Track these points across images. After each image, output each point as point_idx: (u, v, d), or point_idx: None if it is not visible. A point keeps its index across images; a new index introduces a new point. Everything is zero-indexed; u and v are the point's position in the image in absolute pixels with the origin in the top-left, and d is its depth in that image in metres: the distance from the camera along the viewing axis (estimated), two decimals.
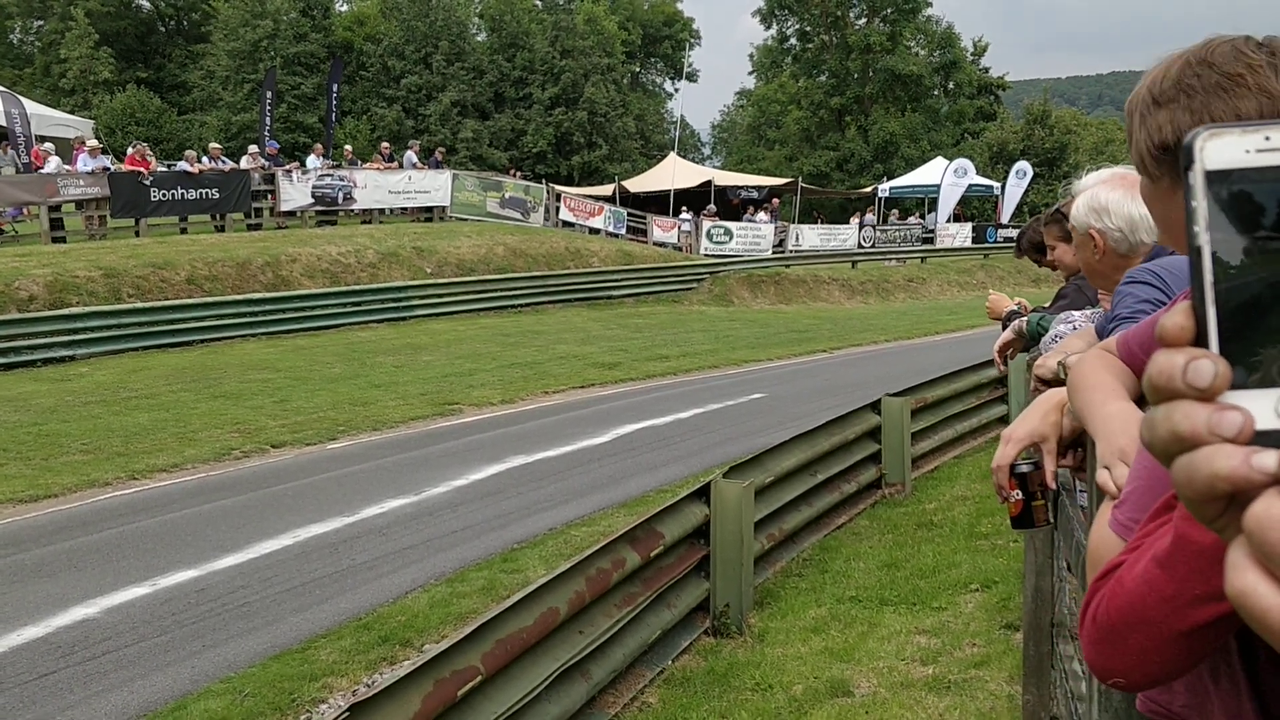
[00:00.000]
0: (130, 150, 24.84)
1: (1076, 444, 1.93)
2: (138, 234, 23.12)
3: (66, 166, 22.07)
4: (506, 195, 29.68)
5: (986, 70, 60.84)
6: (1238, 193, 0.58)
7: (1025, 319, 4.34)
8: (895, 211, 42.69)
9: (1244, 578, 0.57)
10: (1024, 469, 2.06)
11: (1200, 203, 0.59)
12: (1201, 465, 0.57)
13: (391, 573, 7.88)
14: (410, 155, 29.19)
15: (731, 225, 34.23)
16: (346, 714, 3.55)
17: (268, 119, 30.55)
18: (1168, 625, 0.79)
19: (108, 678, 6.16)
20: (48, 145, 22.52)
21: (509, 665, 4.65)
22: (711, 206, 35.52)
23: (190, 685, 6.09)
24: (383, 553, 8.32)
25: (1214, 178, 0.59)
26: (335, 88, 33.53)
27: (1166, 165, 1.40)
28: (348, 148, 31.24)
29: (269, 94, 31.19)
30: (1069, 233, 3.29)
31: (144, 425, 12.60)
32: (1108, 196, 2.73)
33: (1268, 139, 0.58)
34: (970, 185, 41.73)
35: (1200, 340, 0.59)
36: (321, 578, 7.78)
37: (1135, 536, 0.90)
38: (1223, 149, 0.59)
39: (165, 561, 8.07)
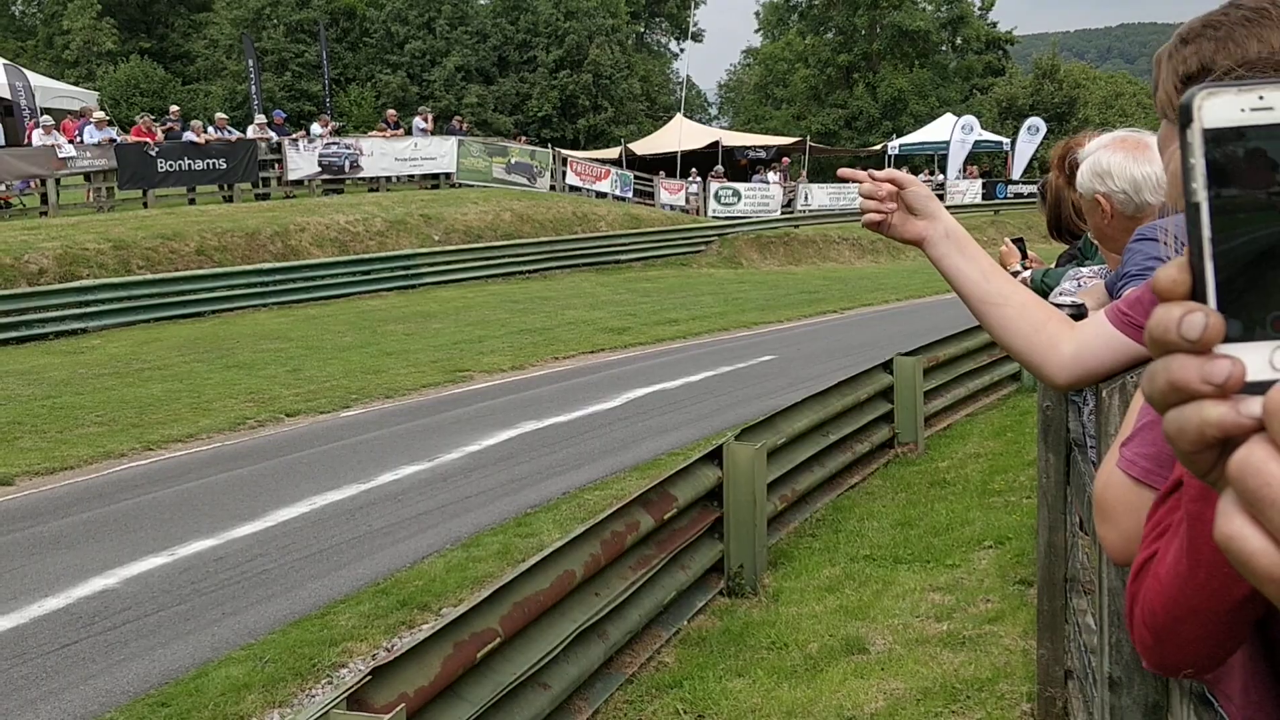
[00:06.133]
0: (142, 119, 24.71)
1: None
2: (145, 205, 23.11)
3: (48, 139, 21.77)
4: (512, 160, 29.51)
5: (994, 25, 60.20)
6: (1234, 151, 0.60)
7: (1031, 272, 4.31)
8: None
9: (1230, 524, 0.59)
10: None
11: (1198, 160, 0.60)
12: (1192, 414, 0.60)
13: (408, 538, 7.94)
14: (418, 122, 29.01)
15: (740, 186, 34.01)
16: (369, 677, 3.59)
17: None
18: (1212, 609, 0.79)
19: (129, 647, 6.23)
20: (46, 119, 22.40)
21: (527, 627, 4.69)
22: (719, 167, 35.27)
23: (211, 653, 6.16)
24: (399, 519, 8.38)
25: (1211, 136, 0.60)
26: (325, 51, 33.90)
27: None
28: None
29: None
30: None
31: (157, 396, 12.66)
32: (1109, 160, 2.74)
33: (1261, 98, 0.60)
34: (978, 141, 41.36)
35: (1198, 295, 0.60)
36: (339, 544, 7.84)
37: (1149, 524, 0.91)
38: (1220, 108, 0.60)
39: (183, 531, 8.13)
